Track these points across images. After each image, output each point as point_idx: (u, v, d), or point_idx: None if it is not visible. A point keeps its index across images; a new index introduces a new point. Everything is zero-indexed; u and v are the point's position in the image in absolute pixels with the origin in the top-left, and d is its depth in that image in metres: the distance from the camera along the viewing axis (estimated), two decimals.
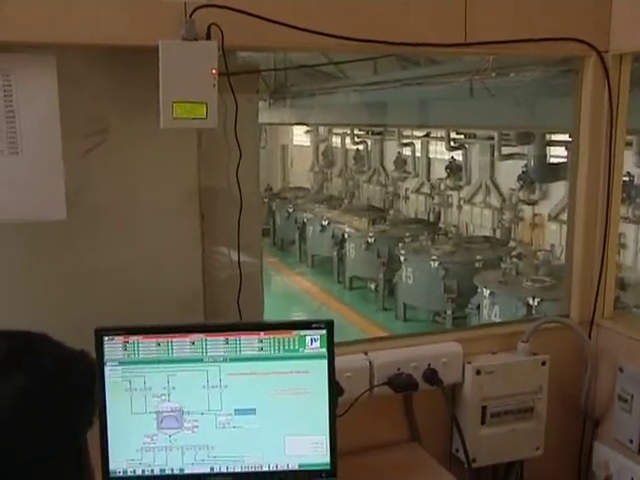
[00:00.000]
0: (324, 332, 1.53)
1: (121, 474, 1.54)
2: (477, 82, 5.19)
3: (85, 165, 1.62)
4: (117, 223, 1.69)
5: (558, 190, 9.02)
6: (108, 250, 1.68)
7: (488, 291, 7.01)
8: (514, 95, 5.22)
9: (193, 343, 1.52)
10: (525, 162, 9.06)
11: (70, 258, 1.66)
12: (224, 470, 1.56)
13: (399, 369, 1.81)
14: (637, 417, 1.92)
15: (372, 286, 9.89)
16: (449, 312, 8.18)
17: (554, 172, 8.45)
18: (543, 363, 1.94)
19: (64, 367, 0.82)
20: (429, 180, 12.38)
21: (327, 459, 1.57)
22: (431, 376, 1.83)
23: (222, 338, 1.52)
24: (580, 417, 2.10)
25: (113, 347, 1.50)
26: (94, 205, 1.65)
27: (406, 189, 13.04)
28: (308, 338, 1.53)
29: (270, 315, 1.92)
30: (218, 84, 1.54)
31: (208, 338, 1.52)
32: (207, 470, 1.56)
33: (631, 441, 1.94)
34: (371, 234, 9.90)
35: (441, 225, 11.33)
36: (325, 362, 1.54)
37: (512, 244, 9.67)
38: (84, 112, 1.60)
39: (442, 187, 11.66)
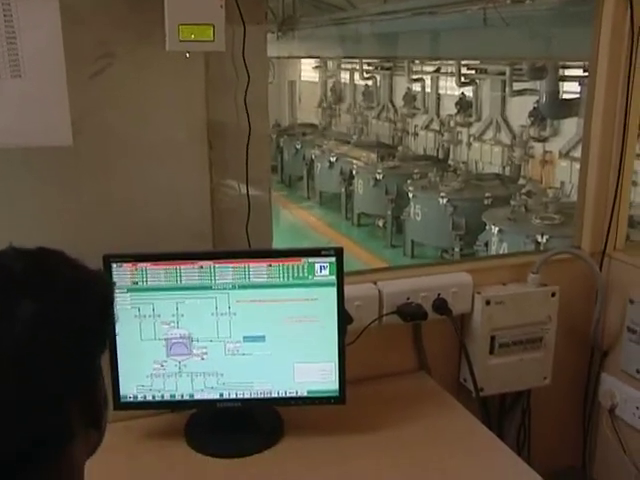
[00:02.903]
0: (333, 259, 1.52)
1: (132, 399, 1.56)
2: (491, 11, 5.05)
3: (90, 92, 1.58)
4: (124, 151, 1.66)
5: (569, 127, 8.91)
6: (116, 178, 1.66)
7: (497, 228, 6.98)
8: (529, 24, 5.08)
9: (201, 270, 1.51)
10: (537, 98, 8.92)
11: (79, 186, 1.63)
12: (233, 396, 1.58)
13: (408, 298, 1.80)
14: None
15: (380, 223, 9.87)
16: (457, 249, 8.18)
17: (566, 108, 8.33)
18: (553, 294, 1.93)
19: (80, 289, 0.80)
20: (439, 116, 12.23)
21: (336, 386, 1.58)
22: (440, 306, 1.82)
23: (231, 265, 1.51)
24: (588, 348, 2.11)
25: (121, 274, 1.50)
26: (101, 133, 1.62)
27: (415, 125, 12.90)
28: (317, 265, 1.52)
29: None
30: (225, 10, 1.49)
31: (216, 265, 1.51)
32: (216, 396, 1.58)
33: (638, 371, 1.95)
34: (379, 170, 9.82)
35: (450, 162, 11.24)
36: (334, 290, 1.53)
37: (522, 181, 9.60)
38: (87, 36, 1.55)
39: (452, 124, 11.53)
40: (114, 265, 1.50)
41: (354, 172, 10.43)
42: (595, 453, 2.19)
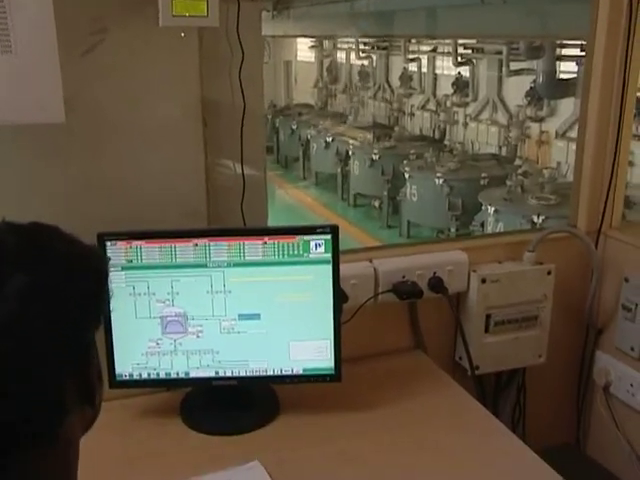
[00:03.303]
0: (329, 237, 1.51)
1: (127, 377, 1.56)
2: None
3: (82, 68, 1.56)
4: (118, 129, 1.65)
5: (566, 107, 8.87)
6: (109, 156, 1.64)
7: (493, 208, 6.97)
8: (527, 2, 5.03)
9: (196, 248, 1.50)
10: (534, 78, 8.88)
11: (71, 164, 1.62)
12: (229, 374, 1.58)
13: (404, 277, 1.80)
14: None
15: (376, 203, 9.86)
16: (453, 229, 8.18)
17: (563, 88, 8.30)
18: (549, 272, 1.93)
19: (74, 263, 0.79)
20: (435, 96, 12.18)
21: (331, 364, 1.58)
22: (436, 284, 1.82)
23: (225, 243, 1.50)
24: (583, 326, 2.12)
25: (116, 252, 1.49)
26: (94, 110, 1.60)
27: (411, 106, 12.84)
28: (312, 243, 1.51)
29: None
30: None
31: (211, 243, 1.50)
32: (212, 374, 1.58)
33: (632, 349, 1.96)
34: (375, 151, 9.79)
35: (446, 142, 11.21)
36: (330, 267, 1.52)
37: (518, 162, 9.58)
38: (79, 11, 1.53)
39: (448, 104, 11.48)
40: (108, 243, 1.49)
41: (350, 152, 10.39)
42: (589, 430, 2.20)
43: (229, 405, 1.62)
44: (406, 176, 8.71)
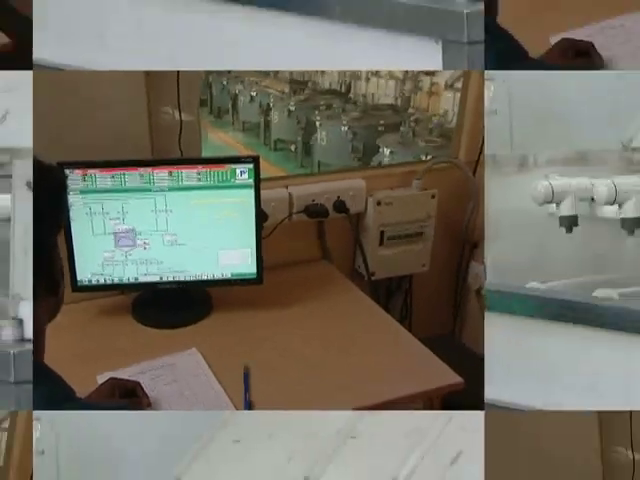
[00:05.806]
0: (251, 166, 1.57)
1: (87, 283, 1.61)
2: None
3: None
4: None
5: None
6: None
7: (388, 150, 7.05)
8: None
9: (142, 175, 1.54)
10: None
11: None
12: (171, 279, 1.65)
13: (314, 200, 1.86)
14: None
15: (292, 147, 9.84)
16: None
17: None
18: (433, 196, 1.99)
19: (39, 175, 0.83)
20: None
21: (254, 270, 1.66)
22: (340, 206, 1.89)
23: (166, 171, 1.55)
24: (461, 241, 2.18)
25: (74, 179, 1.52)
26: None
27: None
28: (238, 170, 1.57)
29: None
30: None
31: (155, 171, 1.55)
32: (157, 279, 1.64)
33: None
34: (292, 103, 9.71)
35: (351, 95, 11.19)
36: (252, 191, 1.59)
37: (411, 111, 9.67)
38: None
39: None
40: (67, 171, 1.51)
41: (271, 104, 10.27)
42: (464, 324, 2.30)
43: (172, 305, 1.69)
44: (317, 124, 8.70)
